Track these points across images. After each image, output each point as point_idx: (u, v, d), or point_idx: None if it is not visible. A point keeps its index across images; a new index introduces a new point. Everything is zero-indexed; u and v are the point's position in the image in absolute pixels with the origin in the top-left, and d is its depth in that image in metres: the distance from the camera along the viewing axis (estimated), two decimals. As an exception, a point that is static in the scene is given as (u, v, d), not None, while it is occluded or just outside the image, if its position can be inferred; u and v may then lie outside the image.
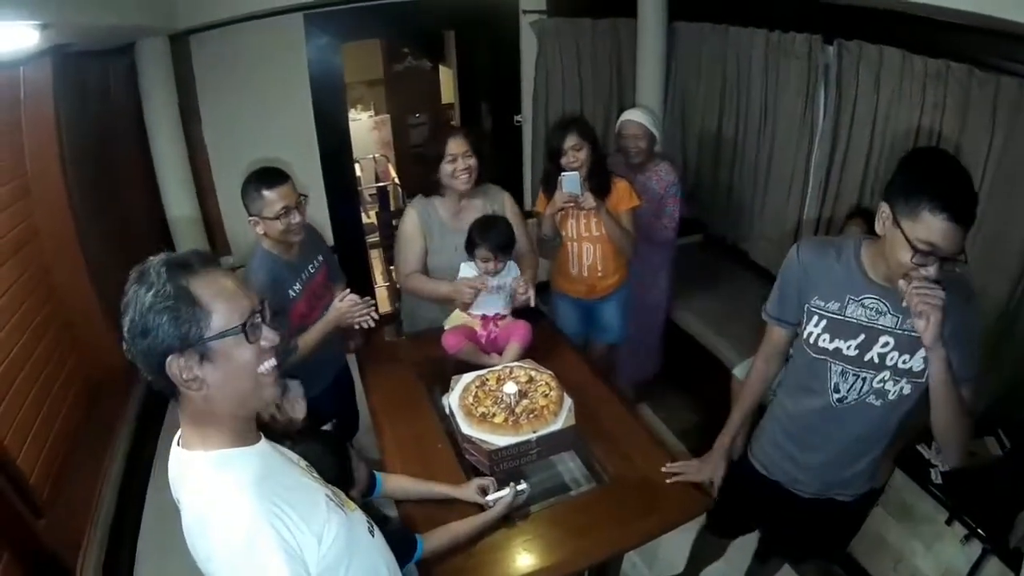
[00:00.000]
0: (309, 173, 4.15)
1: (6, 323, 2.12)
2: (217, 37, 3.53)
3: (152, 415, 2.85)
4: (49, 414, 2.26)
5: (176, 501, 1.18)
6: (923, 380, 1.63)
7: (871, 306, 1.66)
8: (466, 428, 2.04)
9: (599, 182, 2.89)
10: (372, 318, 2.40)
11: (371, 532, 1.31)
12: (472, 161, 2.60)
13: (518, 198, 4.59)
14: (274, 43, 3.77)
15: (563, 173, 2.80)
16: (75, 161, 2.50)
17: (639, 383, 3.87)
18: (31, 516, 1.84)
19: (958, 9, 2.19)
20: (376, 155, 7.18)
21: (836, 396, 1.76)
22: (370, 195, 6.92)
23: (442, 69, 6.83)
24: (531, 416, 2.06)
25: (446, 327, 2.62)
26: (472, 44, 4.64)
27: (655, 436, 2.24)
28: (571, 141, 2.85)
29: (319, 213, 4.25)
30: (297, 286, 2.43)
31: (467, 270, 2.60)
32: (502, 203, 2.80)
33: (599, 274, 3.12)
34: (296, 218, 2.30)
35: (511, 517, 1.86)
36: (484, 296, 2.58)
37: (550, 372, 2.26)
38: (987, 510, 2.26)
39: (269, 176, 2.28)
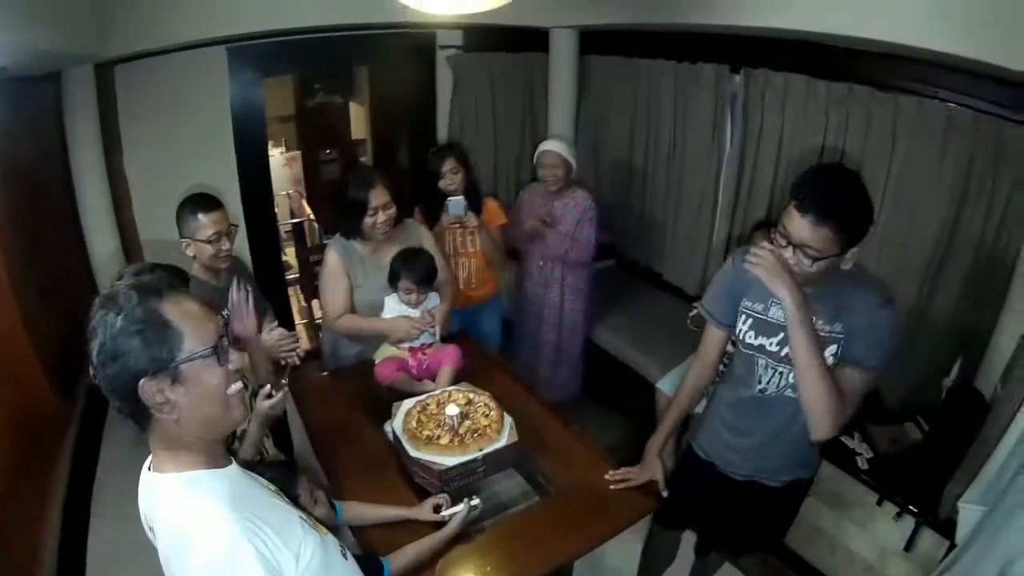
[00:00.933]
0: (230, 208, 4.03)
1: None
2: (142, 67, 3.46)
3: (87, 458, 2.75)
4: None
5: (148, 531, 1.19)
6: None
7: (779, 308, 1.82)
8: (413, 451, 2.10)
9: (473, 202, 3.24)
10: (298, 354, 2.41)
11: (344, 555, 1.33)
12: (392, 210, 2.66)
13: (434, 226, 4.71)
14: (198, 75, 3.72)
15: (449, 198, 3.15)
16: (6, 191, 2.43)
17: (562, 403, 3.98)
18: None
19: (860, 37, 2.44)
20: (290, 191, 7.09)
21: (759, 387, 1.96)
22: (286, 232, 6.79)
23: (352, 105, 6.84)
24: (475, 435, 2.15)
25: (376, 359, 2.66)
26: (387, 79, 4.69)
27: (597, 450, 2.36)
28: (449, 165, 3.21)
29: (240, 252, 4.17)
30: (225, 312, 2.42)
31: (392, 303, 2.67)
32: (419, 238, 2.88)
33: (473, 285, 3.48)
34: (226, 245, 2.40)
35: (467, 532, 1.94)
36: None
37: (487, 393, 2.36)
38: (915, 487, 2.47)
39: (205, 201, 2.39)
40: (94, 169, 3.30)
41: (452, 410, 2.21)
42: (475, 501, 1.96)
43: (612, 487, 2.13)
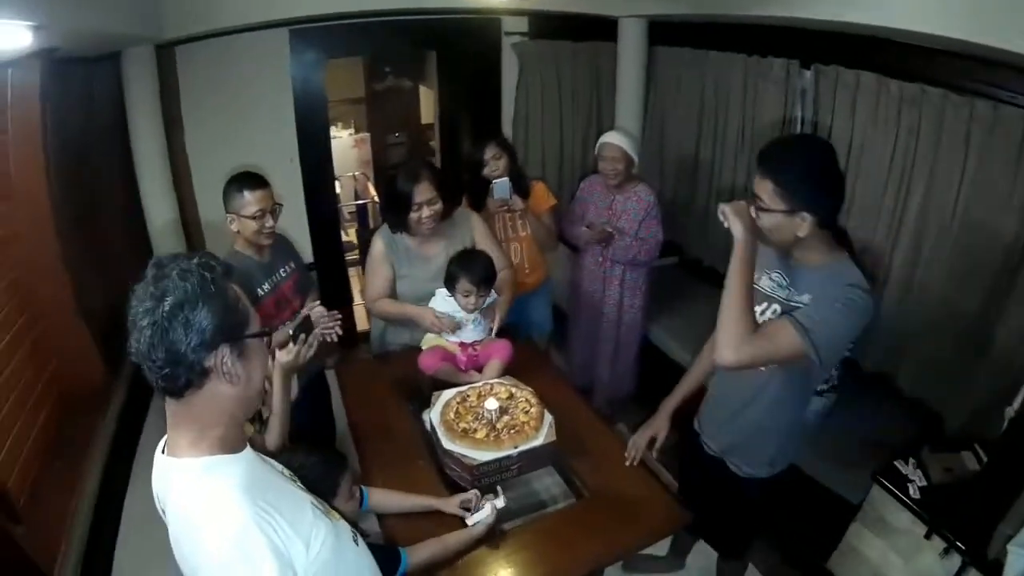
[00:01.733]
0: (290, 188, 4.14)
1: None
2: (203, 48, 3.53)
3: (130, 429, 2.82)
4: (26, 426, 2.23)
5: (161, 512, 1.18)
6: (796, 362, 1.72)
7: (776, 279, 1.87)
8: (447, 443, 2.06)
9: (519, 187, 3.17)
10: (336, 332, 2.46)
11: (356, 541, 1.32)
12: (438, 205, 2.61)
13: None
14: (259, 57, 3.78)
15: (494, 181, 3.10)
16: (60, 167, 2.49)
17: (615, 401, 3.90)
18: (9, 522, 1.83)
19: (933, 34, 2.27)
20: (356, 173, 7.17)
21: None
22: (349, 213, 6.88)
23: (422, 89, 6.85)
24: (512, 432, 2.08)
25: (423, 347, 2.62)
26: (454, 64, 4.68)
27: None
28: (491, 152, 3.17)
29: (299, 229, 4.25)
30: (266, 285, 2.53)
31: (441, 299, 2.60)
32: (470, 225, 2.83)
33: (526, 270, 3.40)
34: (269, 222, 2.44)
35: (495, 530, 1.88)
36: (463, 328, 2.58)
37: (530, 389, 2.29)
38: (965, 523, 2.30)
39: (251, 179, 2.43)
40: (154, 146, 3.36)
41: (491, 404, 2.15)
42: (500, 502, 1.89)
43: (627, 463, 2.16)
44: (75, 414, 2.47)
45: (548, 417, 2.16)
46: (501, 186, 3.08)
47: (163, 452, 1.14)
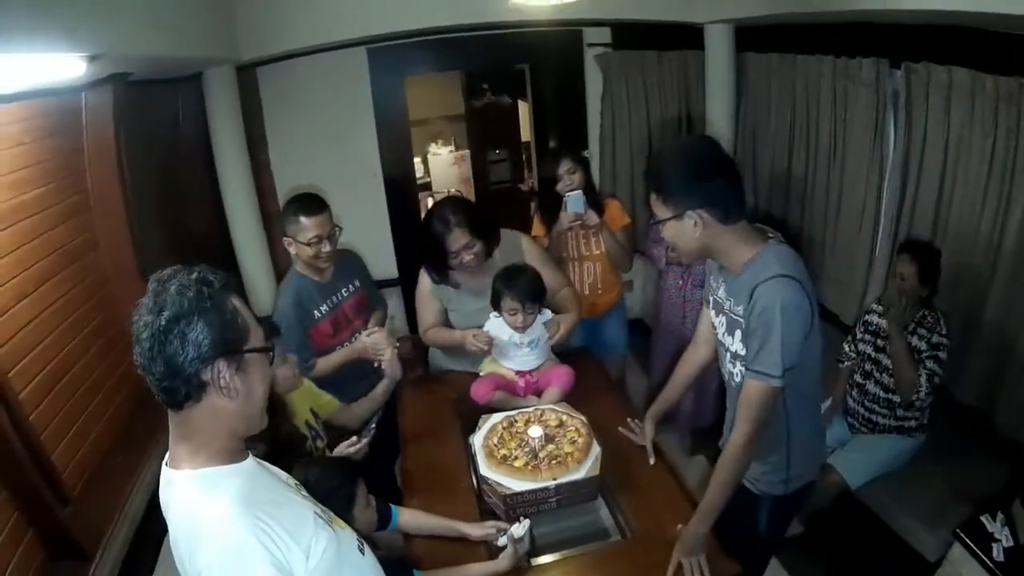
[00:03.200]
0: (373, 204, 4.24)
1: (60, 324, 2.21)
2: (283, 69, 3.66)
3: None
4: (93, 416, 2.32)
5: (168, 520, 1.19)
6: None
7: (723, 291, 1.79)
8: (484, 469, 1.98)
9: (592, 203, 3.02)
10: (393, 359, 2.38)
11: (361, 550, 1.31)
12: (476, 248, 2.45)
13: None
14: (338, 76, 3.88)
15: (567, 194, 2.96)
16: (136, 181, 2.59)
17: (697, 431, 3.67)
18: (56, 502, 1.89)
19: None
20: (452, 189, 7.25)
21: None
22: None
23: (521, 105, 6.84)
24: (553, 462, 1.96)
25: (481, 372, 2.53)
26: (542, 78, 4.63)
27: (688, 493, 2.07)
28: (565, 166, 3.01)
29: (383, 243, 4.32)
30: (324, 307, 2.50)
31: (493, 325, 2.47)
32: (519, 248, 2.66)
33: (599, 291, 3.24)
34: (327, 248, 2.39)
35: (519, 567, 1.76)
36: (518, 352, 2.47)
37: (582, 418, 2.16)
38: None
39: (308, 203, 2.38)
40: (237, 163, 3.48)
41: (535, 431, 2.04)
42: (518, 530, 1.75)
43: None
44: (142, 413, 2.55)
45: (595, 449, 2.02)
46: (575, 199, 2.95)
47: (166, 464, 1.15)
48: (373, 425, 2.26)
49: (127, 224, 2.53)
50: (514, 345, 2.45)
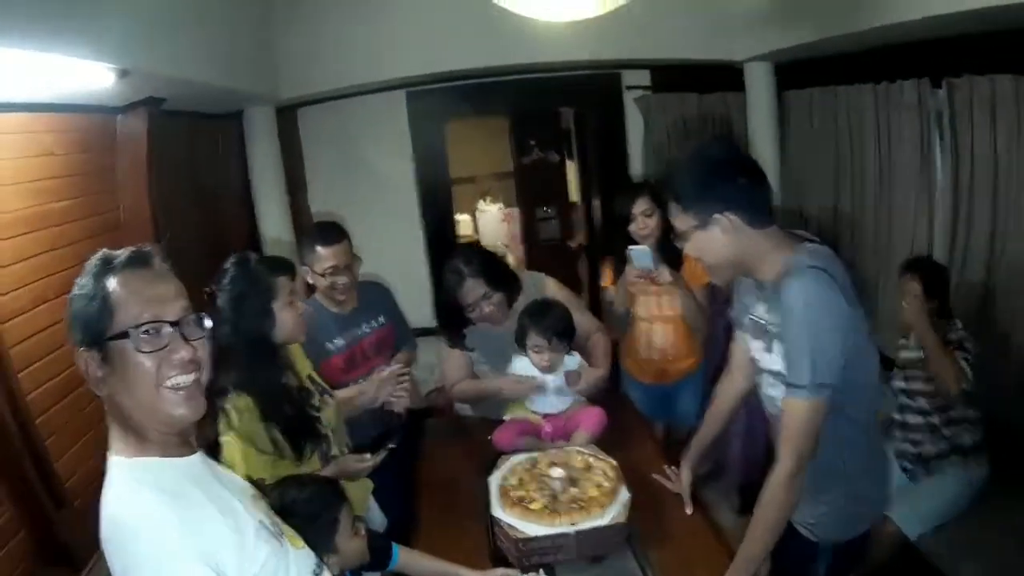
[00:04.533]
0: (412, 251, 4.22)
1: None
2: (323, 111, 3.73)
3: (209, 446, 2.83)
4: (102, 430, 2.25)
5: None
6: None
7: (758, 305, 1.62)
8: (497, 510, 1.81)
9: (670, 253, 2.52)
10: (403, 404, 2.22)
11: (317, 574, 1.22)
12: (495, 298, 2.35)
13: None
14: (377, 119, 3.93)
15: (631, 247, 2.55)
16: (167, 208, 2.61)
17: (747, 487, 3.41)
18: (51, 505, 1.87)
19: None
20: (500, 243, 7.30)
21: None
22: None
23: (568, 164, 6.87)
24: (574, 506, 1.78)
25: (506, 418, 2.38)
26: (584, 124, 4.62)
27: (730, 548, 1.83)
28: (641, 206, 2.64)
29: (420, 291, 4.23)
30: (339, 341, 2.38)
31: (520, 365, 2.34)
32: (543, 291, 2.52)
33: (671, 357, 2.84)
34: (343, 279, 2.29)
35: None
36: (545, 394, 2.32)
37: (612, 461, 1.98)
38: None
39: (326, 232, 2.30)
40: (275, 203, 3.53)
41: (557, 472, 1.89)
42: None
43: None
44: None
45: (623, 495, 1.83)
46: (641, 254, 2.51)
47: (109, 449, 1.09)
48: (392, 445, 2.06)
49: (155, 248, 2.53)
50: (540, 387, 2.31)
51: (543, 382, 2.29)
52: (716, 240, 1.49)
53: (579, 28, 2.40)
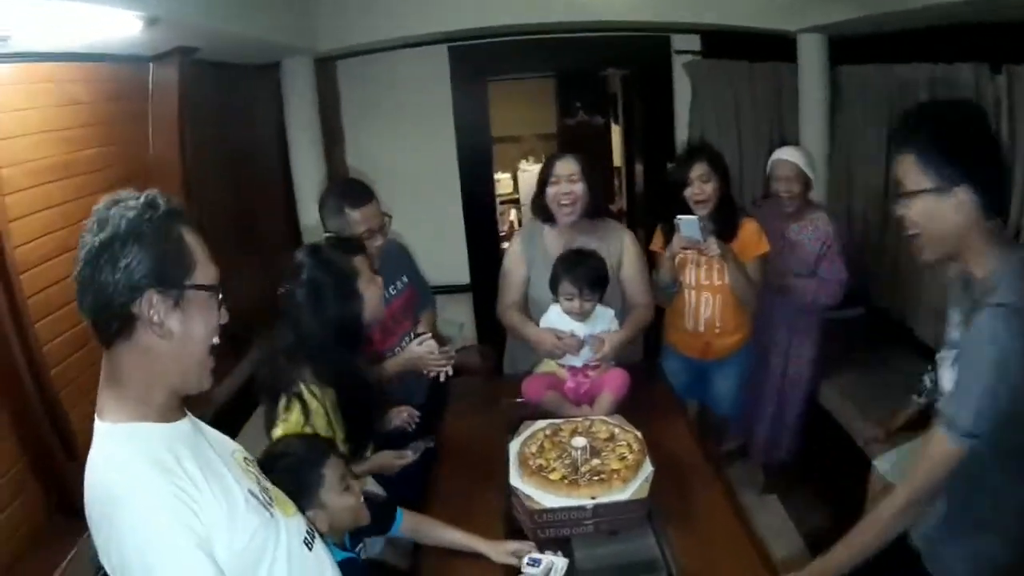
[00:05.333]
0: (449, 208, 4.17)
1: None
2: (363, 63, 3.67)
3: (236, 417, 2.84)
4: None
5: None
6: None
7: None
8: (515, 479, 1.78)
9: (726, 222, 2.56)
10: (447, 372, 2.20)
11: (308, 545, 1.20)
12: (578, 187, 2.36)
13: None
14: (418, 74, 3.87)
15: (679, 216, 2.48)
16: (199, 160, 2.60)
17: (772, 466, 3.34)
18: (64, 456, 1.87)
19: None
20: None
21: None
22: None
23: (614, 128, 6.72)
24: (595, 479, 1.74)
25: (536, 372, 2.38)
26: (631, 87, 4.49)
27: (753, 534, 1.80)
28: (698, 171, 2.56)
29: (457, 246, 4.24)
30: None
31: (555, 314, 2.34)
32: (621, 242, 2.52)
33: (717, 330, 2.72)
34: (378, 241, 2.16)
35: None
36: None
37: (637, 433, 1.93)
38: None
39: (355, 193, 2.15)
40: (310, 155, 3.47)
41: (578, 442, 1.83)
42: (560, 563, 1.57)
43: None
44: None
45: (647, 469, 1.78)
46: (689, 224, 2.44)
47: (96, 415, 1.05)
48: (430, 444, 2.05)
49: (185, 197, 2.50)
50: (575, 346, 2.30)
51: (572, 332, 2.28)
52: (946, 212, 1.31)
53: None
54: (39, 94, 1.93)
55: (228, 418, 2.61)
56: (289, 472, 1.36)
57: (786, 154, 2.90)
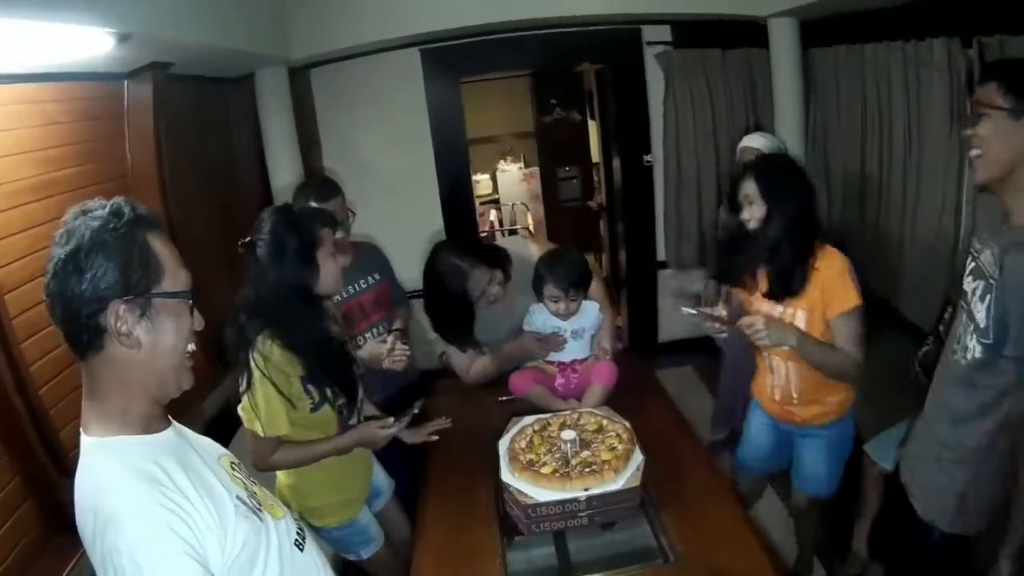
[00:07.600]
0: (428, 210, 4.16)
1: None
2: (336, 71, 3.66)
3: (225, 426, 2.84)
4: None
5: None
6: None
7: (986, 251, 1.54)
8: (506, 475, 1.79)
9: (782, 268, 1.95)
10: (403, 368, 2.25)
11: (299, 546, 1.21)
12: (499, 276, 2.32)
13: (650, 248, 4.42)
14: (392, 78, 3.86)
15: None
16: (177, 174, 2.60)
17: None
18: (56, 473, 1.86)
19: None
20: (518, 202, 7.32)
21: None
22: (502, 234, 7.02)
23: (591, 124, 6.77)
24: (587, 471, 1.75)
25: (523, 367, 2.40)
26: (604, 82, 4.50)
27: (747, 516, 1.85)
28: (744, 189, 2.00)
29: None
30: (336, 297, 2.34)
31: (538, 314, 2.34)
32: (528, 253, 2.46)
33: (794, 400, 2.12)
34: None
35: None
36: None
37: (626, 423, 1.95)
38: None
39: (321, 187, 2.29)
40: (288, 164, 3.47)
41: (568, 435, 1.85)
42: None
43: None
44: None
45: (637, 458, 1.80)
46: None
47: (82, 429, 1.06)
48: (416, 410, 2.05)
49: (164, 213, 2.51)
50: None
51: (560, 331, 2.30)
52: (1014, 135, 1.39)
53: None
54: (16, 115, 1.93)
55: (219, 425, 2.63)
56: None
57: (750, 141, 2.94)
